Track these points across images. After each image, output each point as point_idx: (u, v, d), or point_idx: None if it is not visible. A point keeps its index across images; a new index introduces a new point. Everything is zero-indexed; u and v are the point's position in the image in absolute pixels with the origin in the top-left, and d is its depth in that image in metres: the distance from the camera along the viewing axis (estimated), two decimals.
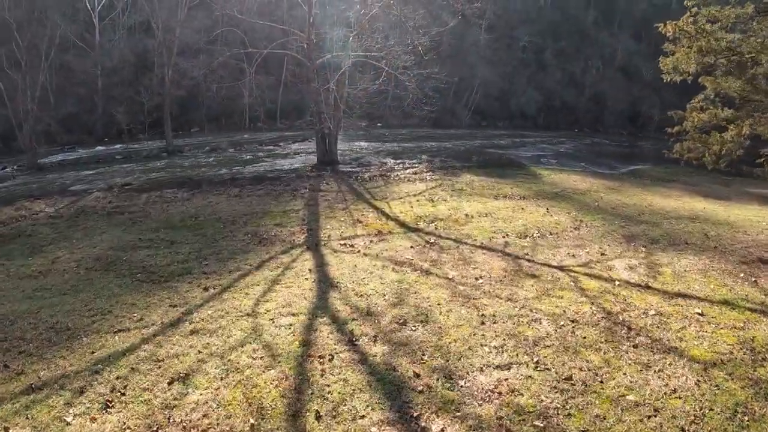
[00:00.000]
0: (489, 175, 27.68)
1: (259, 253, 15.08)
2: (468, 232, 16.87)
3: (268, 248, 15.57)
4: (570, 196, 23.77)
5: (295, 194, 22.71)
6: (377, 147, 37.48)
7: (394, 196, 22.13)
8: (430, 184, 24.54)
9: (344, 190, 23.49)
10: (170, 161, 35.22)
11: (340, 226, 17.73)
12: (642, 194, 25.70)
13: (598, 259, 14.62)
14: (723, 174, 40.66)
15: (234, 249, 15.69)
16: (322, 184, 24.80)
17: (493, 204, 21.07)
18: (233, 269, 13.76)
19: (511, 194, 23.12)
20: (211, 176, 28.76)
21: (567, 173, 30.81)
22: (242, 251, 15.45)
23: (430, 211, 19.62)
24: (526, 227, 17.81)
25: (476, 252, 14.66)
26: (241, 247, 15.85)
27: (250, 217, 19.35)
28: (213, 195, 23.64)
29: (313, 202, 21.26)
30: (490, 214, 19.37)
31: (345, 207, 20.39)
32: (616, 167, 36.84)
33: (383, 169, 28.58)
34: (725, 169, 24.19)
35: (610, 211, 21.29)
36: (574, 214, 20.24)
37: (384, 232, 16.86)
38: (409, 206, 20.32)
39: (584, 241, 16.50)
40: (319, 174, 27.64)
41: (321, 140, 30.72)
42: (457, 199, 21.76)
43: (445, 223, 18.05)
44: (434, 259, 13.83)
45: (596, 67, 65.34)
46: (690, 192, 28.63)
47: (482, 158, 34.47)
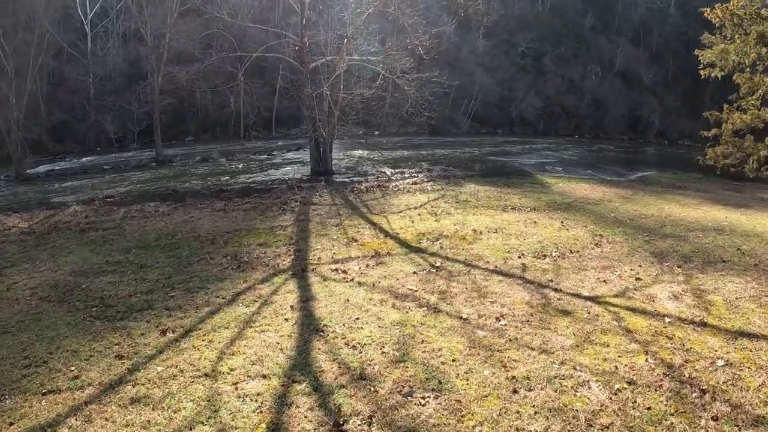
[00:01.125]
0: (494, 185, 25.09)
1: (236, 282, 12.44)
2: (478, 252, 14.25)
3: (248, 274, 12.94)
4: (583, 206, 21.21)
5: (285, 208, 20.07)
6: (375, 155, 34.91)
7: (393, 210, 19.51)
8: (432, 196, 21.93)
9: (338, 203, 20.87)
10: (158, 172, 32.66)
11: (333, 246, 15.11)
12: (658, 203, 23.15)
13: (634, 286, 12.03)
14: (732, 179, 38.21)
15: (208, 276, 13.05)
16: (315, 196, 22.18)
17: (502, 217, 18.46)
18: (201, 304, 11.12)
19: (521, 206, 20.53)
20: (197, 188, 26.19)
21: (575, 181, 28.25)
22: (217, 278, 12.81)
23: (433, 226, 17.00)
24: (542, 245, 15.24)
25: (491, 279, 12.01)
26: (216, 273, 13.22)
27: (232, 236, 16.71)
28: (196, 209, 20.99)
29: (303, 217, 18.62)
30: (500, 229, 16.77)
31: (339, 222, 17.76)
32: (623, 174, 34.31)
33: (381, 179, 26.00)
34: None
35: (629, 223, 18.76)
36: (591, 227, 17.70)
37: (382, 253, 14.23)
38: (410, 221, 17.70)
39: (611, 262, 13.94)
40: (313, 185, 25.05)
41: (315, 149, 28.17)
42: (462, 212, 19.15)
43: (451, 241, 15.42)
44: (443, 290, 11.16)
45: (595, 72, 62.94)
46: (706, 200, 25.99)
47: (485, 166, 31.93)
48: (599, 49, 64.83)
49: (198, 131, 48.62)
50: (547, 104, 57.52)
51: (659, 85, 65.63)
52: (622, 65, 64.53)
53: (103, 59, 47.01)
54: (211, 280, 12.71)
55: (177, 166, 34.83)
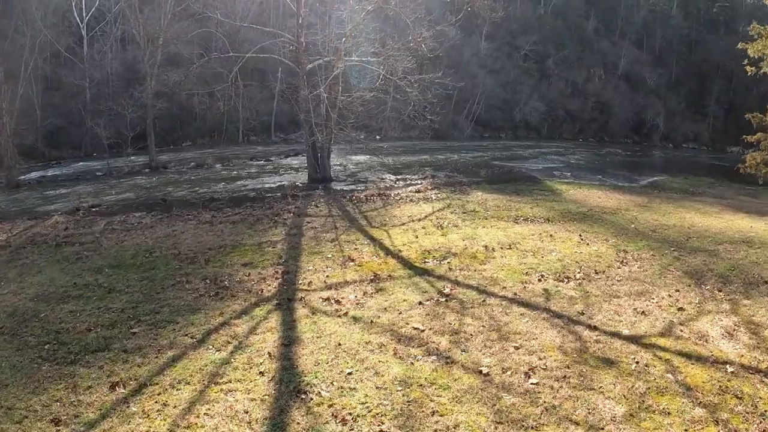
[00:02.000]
0: (502, 192, 23.02)
1: (211, 314, 10.41)
2: (492, 275, 12.19)
3: (225, 304, 10.90)
4: (600, 216, 19.15)
5: (276, 220, 17.99)
6: (376, 161, 32.86)
7: (395, 222, 17.43)
8: (437, 205, 19.85)
9: (335, 214, 18.80)
10: (150, 178, 30.67)
11: (326, 267, 13.06)
12: (677, 212, 21.15)
13: (678, 319, 10.01)
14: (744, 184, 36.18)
15: (180, 305, 11.03)
16: (310, 206, 20.11)
17: (515, 230, 16.39)
18: (165, 345, 9.09)
19: (533, 216, 18.46)
20: (187, 196, 24.18)
21: (587, 188, 26.17)
22: (189, 309, 10.78)
23: (439, 242, 14.93)
24: (563, 264, 13.20)
25: (511, 311, 9.94)
26: (190, 302, 11.19)
27: (215, 253, 14.67)
28: (181, 221, 18.93)
29: (296, 231, 16.55)
30: (514, 244, 14.71)
31: (335, 237, 15.70)
32: (634, 179, 32.23)
33: (382, 187, 23.94)
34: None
35: (652, 235, 16.74)
36: (613, 241, 15.68)
37: (382, 276, 12.18)
38: (414, 235, 15.62)
39: (644, 285, 11.93)
40: (309, 193, 23.00)
41: (312, 154, 26.14)
42: (471, 224, 17.07)
43: (460, 260, 13.36)
44: (455, 329, 9.08)
45: (599, 75, 60.82)
46: (725, 207, 23.95)
47: (491, 172, 29.87)
48: (602, 52, 62.70)
49: (196, 136, 46.56)
50: (551, 108, 55.38)
51: (663, 87, 63.52)
52: (625, 68, 62.41)
53: (99, 63, 45.03)
54: (183, 311, 10.70)
55: (170, 173, 32.87)
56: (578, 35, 62.35)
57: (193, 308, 10.85)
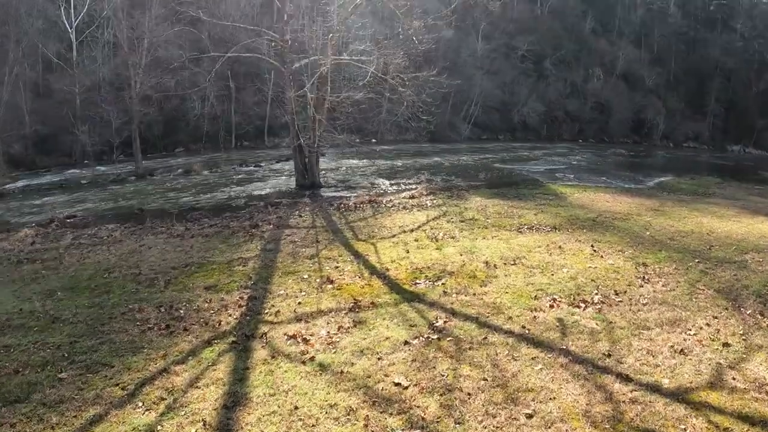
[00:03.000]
0: (503, 197, 20.87)
1: (153, 356, 8.30)
2: (495, 300, 10.03)
3: (173, 341, 8.78)
4: (611, 223, 17.00)
5: (253, 233, 15.82)
6: (369, 165, 30.72)
7: (384, 233, 15.26)
8: (432, 213, 17.68)
9: (319, 225, 16.63)
10: (134, 187, 28.53)
11: (300, 291, 10.91)
12: (693, 216, 19.04)
13: (726, 360, 7.90)
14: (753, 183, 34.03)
15: (122, 341, 8.91)
16: (293, 216, 17.95)
17: (519, 241, 14.23)
18: (90, 399, 7.02)
19: (538, 224, 16.31)
20: (166, 206, 22.07)
21: (592, 191, 24.02)
22: (131, 347, 8.66)
23: (433, 257, 12.75)
24: (576, 282, 11.06)
25: (520, 354, 7.78)
26: (135, 337, 9.07)
27: (178, 273, 12.52)
28: (152, 234, 16.76)
29: (272, 246, 14.38)
30: (519, 259, 12.56)
31: (315, 253, 13.53)
32: (640, 180, 30.09)
33: (373, 194, 21.80)
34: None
35: (670, 244, 14.63)
36: (629, 252, 13.55)
37: (364, 303, 10.02)
38: (404, 250, 13.45)
39: (674, 309, 9.84)
40: (295, 201, 20.87)
41: (299, 159, 23.99)
42: (470, 234, 14.91)
43: (457, 280, 11.19)
44: (448, 385, 6.87)
45: (597, 75, 58.63)
46: (741, 209, 21.87)
47: (490, 175, 27.72)
48: (600, 52, 60.55)
49: (189, 142, 44.40)
50: (550, 108, 53.23)
51: (662, 86, 61.37)
52: (623, 67, 60.22)
53: (89, 69, 42.87)
54: (123, 350, 8.58)
55: (156, 180, 30.73)
56: (576, 35, 60.21)
57: (136, 346, 8.73)
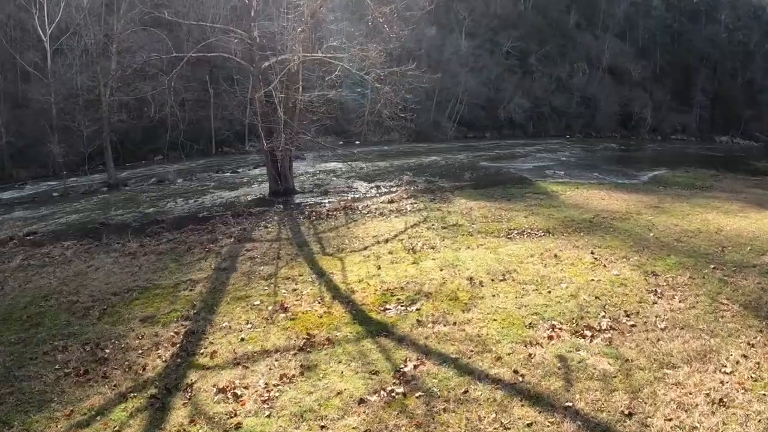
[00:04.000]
0: (490, 198, 18.77)
1: (58, 414, 6.46)
2: (480, 331, 7.94)
3: (86, 393, 6.82)
4: (610, 224, 14.94)
5: (210, 249, 13.65)
6: (350, 168, 28.54)
7: (356, 245, 13.11)
8: (411, 219, 15.54)
9: (285, 237, 14.47)
10: (103, 199, 26.26)
11: (246, 323, 8.79)
12: (696, 212, 17.05)
13: None
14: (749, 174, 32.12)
15: (33, 391, 7.05)
16: (258, 227, 15.78)
17: (509, 250, 12.11)
18: None
19: (530, 228, 14.22)
20: (130, 219, 19.82)
21: (585, 188, 21.97)
22: (39, 401, 6.77)
23: (409, 274, 10.61)
24: (578, 302, 8.99)
25: (511, 419, 5.69)
26: (48, 386, 7.17)
27: (118, 300, 10.38)
28: (105, 252, 14.57)
29: (228, 264, 12.20)
30: (509, 273, 10.45)
31: (273, 272, 11.38)
32: (633, 175, 28.07)
33: (350, 199, 19.65)
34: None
35: (678, 247, 12.61)
36: (635, 259, 11.49)
37: (318, 340, 7.92)
38: (375, 265, 11.30)
39: (699, 335, 7.92)
40: (264, 210, 18.70)
41: (271, 164, 21.84)
42: (452, 243, 12.78)
43: (434, 303, 9.08)
44: None
45: (583, 70, 56.66)
46: (745, 203, 19.96)
47: (476, 174, 25.65)
48: (585, 46, 58.57)
49: (168, 150, 42.07)
50: (536, 104, 51.13)
51: (648, 79, 59.52)
52: (609, 61, 58.26)
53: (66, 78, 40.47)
54: (29, 405, 6.70)
55: (128, 191, 28.49)
56: (560, 30, 58.22)
57: (45, 399, 6.78)
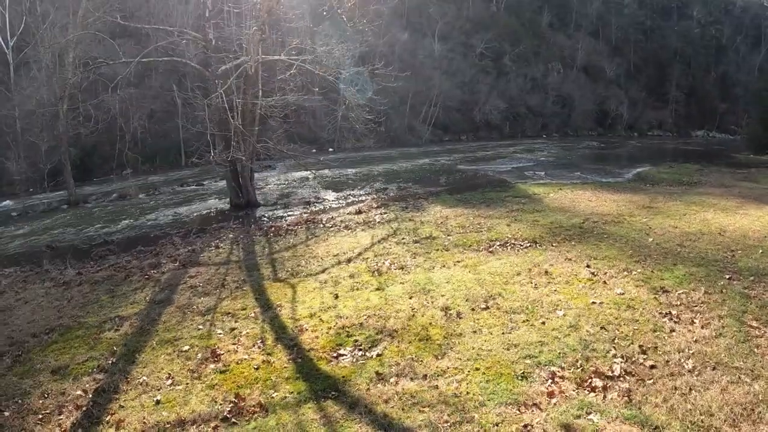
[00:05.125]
0: (468, 204, 16.78)
1: None
2: (458, 389, 5.91)
3: None
4: (603, 229, 13.03)
5: (151, 276, 11.47)
6: (321, 176, 26.38)
7: (313, 267, 10.99)
8: (380, 232, 13.47)
9: (235, 260, 12.31)
10: (60, 217, 23.83)
11: (168, 377, 6.70)
12: (693, 211, 15.28)
13: None
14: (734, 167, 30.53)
15: None
16: (209, 248, 13.61)
17: (491, 267, 10.10)
18: None
19: (514, 238, 12.23)
20: (78, 240, 17.52)
21: (569, 188, 20.09)
22: None
23: (370, 305, 8.54)
24: (580, 336, 7.05)
25: None
26: None
27: (35, 345, 8.25)
28: (40, 281, 12.27)
29: (164, 296, 10.02)
30: (492, 298, 8.44)
31: (214, 305, 9.24)
32: (617, 173, 26.29)
33: (315, 211, 17.58)
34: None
35: (683, 253, 10.76)
36: (638, 271, 9.58)
37: (248, 406, 5.83)
38: (332, 294, 9.20)
39: (738, 377, 6.05)
40: (220, 226, 16.53)
41: (231, 176, 19.69)
42: (425, 261, 10.73)
43: (400, 347, 7.02)
44: None
45: (557, 69, 55.11)
46: (739, 198, 18.31)
47: (453, 179, 23.69)
48: (559, 46, 57.16)
49: (136, 163, 39.61)
50: (512, 105, 49.43)
51: (623, 77, 58.26)
52: (583, 60, 56.88)
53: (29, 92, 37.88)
54: None
55: (88, 209, 26.09)
56: (533, 30, 56.70)
57: None
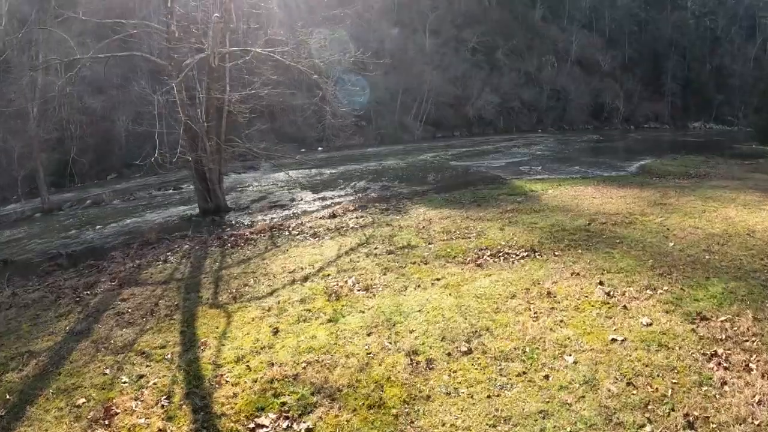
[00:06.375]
0: (456, 205, 14.49)
1: None
2: None
3: None
4: (612, 231, 10.76)
5: (82, 297, 9.22)
6: (303, 176, 24.10)
7: (261, 289, 8.70)
8: (350, 241, 11.16)
9: (178, 276, 10.01)
10: (27, 228, 21.56)
11: None
12: (710, 208, 13.10)
13: None
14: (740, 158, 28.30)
15: None
16: (157, 261, 11.31)
17: (479, 287, 7.82)
18: None
19: (508, 245, 9.96)
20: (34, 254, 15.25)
21: (569, 184, 17.80)
22: None
23: (316, 345, 6.24)
24: (600, 402, 4.78)
25: None
26: None
27: None
28: None
29: (86, 325, 7.74)
30: (476, 336, 6.17)
31: (133, 340, 6.95)
32: (620, 166, 24.03)
33: (285, 215, 15.32)
34: None
35: (712, 262, 8.62)
36: (664, 290, 7.40)
37: None
38: (271, 329, 6.91)
39: None
40: (183, 234, 14.34)
41: (199, 180, 17.40)
42: (396, 280, 8.44)
43: (339, 419, 4.74)
44: None
45: (551, 62, 52.74)
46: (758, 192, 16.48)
47: (442, 176, 21.41)
48: (552, 39, 54.76)
49: (122, 167, 37.39)
50: (505, 100, 47.05)
51: (618, 69, 55.86)
52: (577, 53, 54.51)
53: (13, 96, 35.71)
54: None
55: (59, 216, 23.83)
56: (526, 24, 54.34)
57: None
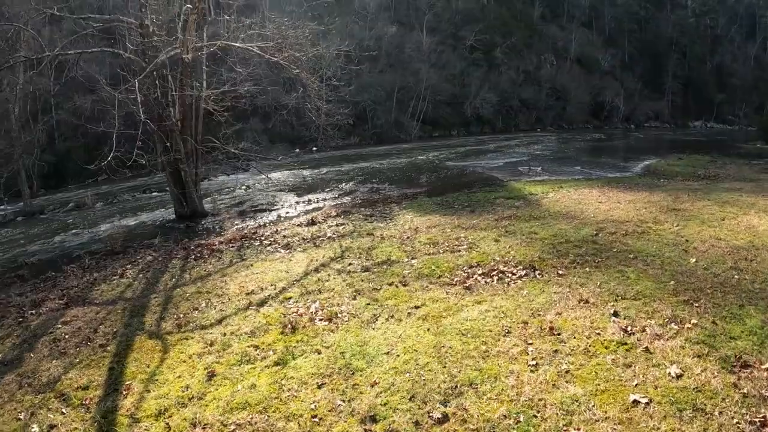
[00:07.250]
0: (447, 210, 12.95)
1: None
2: None
3: None
4: (624, 244, 9.21)
5: (25, 318, 7.82)
6: (290, 179, 22.61)
7: (211, 315, 7.19)
8: (323, 254, 9.62)
9: (129, 295, 8.50)
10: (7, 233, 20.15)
11: None
12: (729, 214, 11.57)
13: None
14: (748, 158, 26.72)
15: None
16: (114, 276, 9.82)
17: (465, 320, 6.27)
18: None
19: (503, 261, 8.42)
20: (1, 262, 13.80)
21: (571, 186, 16.23)
22: None
23: (252, 400, 4.75)
24: None
25: None
26: None
27: None
28: None
29: (18, 352, 6.27)
30: (457, 395, 4.71)
31: (58, 376, 5.48)
32: (623, 167, 22.45)
33: (261, 222, 13.83)
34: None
35: (743, 283, 7.12)
36: (693, 324, 5.76)
37: None
38: (207, 372, 5.40)
39: None
40: (149, 243, 12.85)
41: (173, 183, 15.93)
42: (367, 307, 6.91)
43: None
44: None
45: (550, 61, 51.11)
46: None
47: (435, 177, 19.87)
48: (552, 37, 53.11)
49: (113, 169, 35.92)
50: (504, 98, 45.41)
51: (618, 68, 54.24)
52: (577, 51, 52.86)
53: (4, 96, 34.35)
54: None
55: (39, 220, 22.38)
56: (525, 22, 52.71)
57: None
